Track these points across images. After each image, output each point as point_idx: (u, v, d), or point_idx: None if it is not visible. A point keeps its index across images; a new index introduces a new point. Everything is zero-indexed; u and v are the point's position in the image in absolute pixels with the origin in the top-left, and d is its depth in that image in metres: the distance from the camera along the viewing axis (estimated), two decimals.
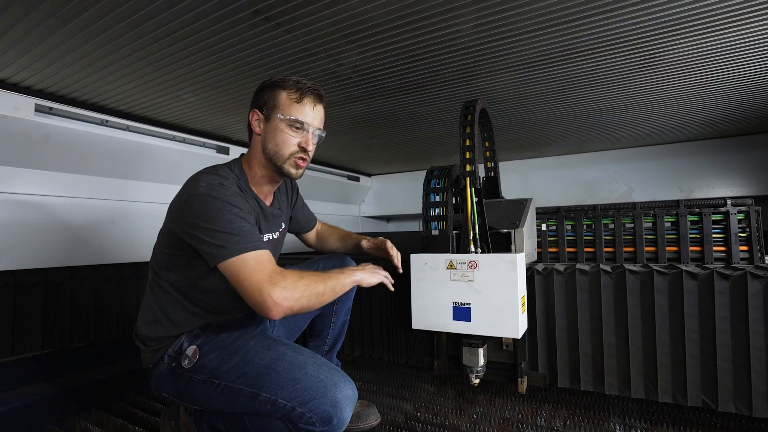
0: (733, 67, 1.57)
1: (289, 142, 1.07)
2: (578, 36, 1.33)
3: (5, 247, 1.66)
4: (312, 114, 1.09)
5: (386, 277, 1.21)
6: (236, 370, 0.95)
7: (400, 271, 1.37)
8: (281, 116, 1.06)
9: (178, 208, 1.00)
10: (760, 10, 1.18)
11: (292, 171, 1.10)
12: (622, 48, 1.41)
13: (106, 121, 1.90)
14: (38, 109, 1.68)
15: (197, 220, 0.93)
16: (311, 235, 1.51)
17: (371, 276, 1.15)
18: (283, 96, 1.06)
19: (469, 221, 1.35)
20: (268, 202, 1.16)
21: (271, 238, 1.18)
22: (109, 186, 2.04)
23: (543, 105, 2.01)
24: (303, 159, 1.10)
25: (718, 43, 1.38)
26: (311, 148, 1.11)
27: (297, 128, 1.07)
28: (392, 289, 1.24)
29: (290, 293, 0.89)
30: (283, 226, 1.26)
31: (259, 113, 1.08)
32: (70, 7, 1.12)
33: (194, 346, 1.02)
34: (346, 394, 0.90)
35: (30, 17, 1.16)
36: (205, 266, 0.98)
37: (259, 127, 1.09)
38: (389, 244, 1.40)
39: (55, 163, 1.81)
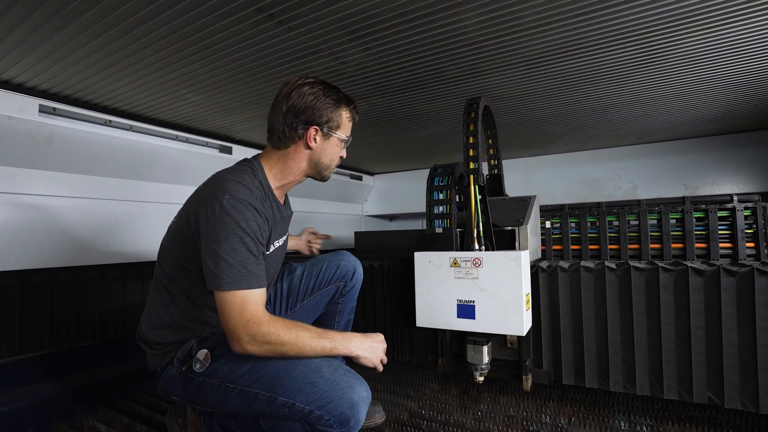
0: (739, 63, 1.56)
1: (338, 155, 1.16)
2: (583, 32, 1.32)
3: (11, 248, 1.67)
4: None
5: (381, 362, 1.09)
6: (251, 375, 0.94)
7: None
8: (345, 137, 1.14)
9: (196, 212, 0.97)
10: (764, 4, 1.17)
11: (330, 177, 1.19)
12: (627, 44, 1.40)
13: (110, 121, 1.91)
14: (42, 110, 1.69)
15: (208, 235, 0.93)
16: None
17: (367, 359, 1.04)
18: (342, 115, 1.11)
19: (473, 219, 1.35)
20: (283, 203, 1.17)
21: (284, 240, 1.20)
22: (113, 186, 2.05)
23: (547, 102, 2.00)
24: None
25: (722, 39, 1.37)
26: (345, 155, 1.19)
27: (344, 142, 1.16)
28: (380, 370, 1.10)
29: (257, 347, 0.90)
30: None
31: (320, 131, 1.08)
32: (73, 7, 1.13)
33: (205, 350, 1.01)
34: (361, 396, 0.91)
35: (33, 17, 1.17)
36: None
37: (315, 143, 1.09)
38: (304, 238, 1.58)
39: (59, 164, 1.82)
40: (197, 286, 1.01)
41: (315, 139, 1.08)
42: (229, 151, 2.50)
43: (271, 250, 1.08)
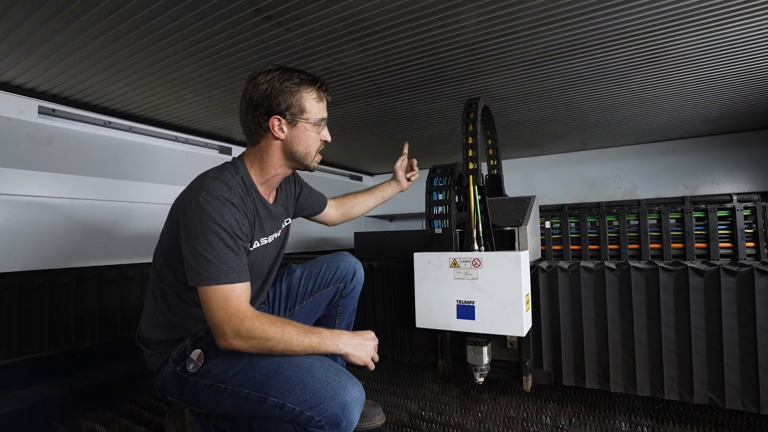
0: (737, 63, 1.56)
1: (316, 140, 1.10)
2: (581, 32, 1.32)
3: (10, 249, 1.66)
4: (326, 108, 1.12)
5: (372, 360, 1.07)
6: (243, 375, 0.94)
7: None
8: (312, 119, 1.06)
9: (177, 211, 1.00)
10: (763, 4, 1.17)
11: (316, 165, 1.14)
12: (626, 44, 1.40)
13: (109, 122, 1.91)
14: (42, 111, 1.69)
15: (186, 232, 0.95)
16: (329, 213, 1.47)
17: (356, 357, 1.02)
18: (306, 98, 1.05)
19: (472, 219, 1.35)
20: (271, 200, 1.16)
21: (275, 237, 1.17)
22: (112, 187, 2.04)
23: (546, 102, 2.00)
24: (321, 150, 1.14)
25: (721, 39, 1.37)
26: (330, 138, 1.14)
27: (318, 125, 1.10)
28: (371, 368, 1.08)
29: (242, 342, 0.90)
30: (288, 222, 1.26)
31: (282, 119, 1.04)
32: (72, 9, 1.13)
33: (199, 350, 1.02)
34: (354, 397, 0.90)
35: (32, 19, 1.17)
36: None
37: (283, 132, 1.05)
38: (400, 172, 1.53)
39: (58, 165, 1.82)
40: (184, 283, 1.00)
41: (282, 128, 1.05)
42: (228, 151, 2.50)
43: (254, 247, 1.07)
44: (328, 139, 1.13)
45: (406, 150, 1.59)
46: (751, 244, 1.54)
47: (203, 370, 0.99)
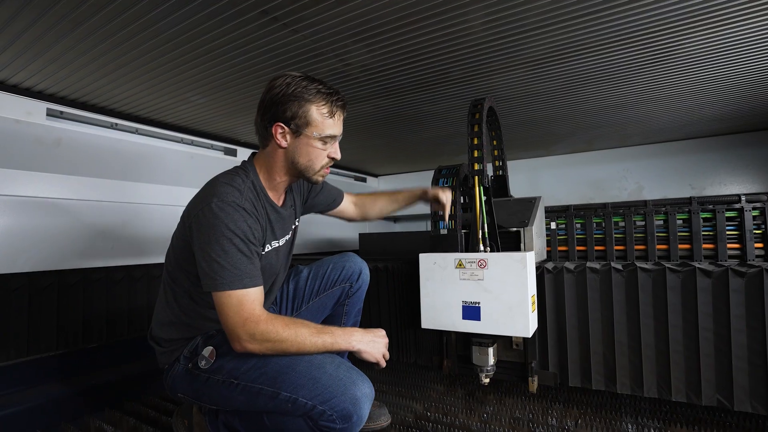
0: (744, 62, 1.55)
1: (322, 155, 1.07)
2: (586, 32, 1.32)
3: (19, 250, 1.68)
4: (341, 125, 1.09)
5: (384, 357, 1.08)
6: (255, 370, 0.96)
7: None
8: (316, 134, 1.03)
9: (189, 216, 1.00)
10: None
11: (320, 179, 1.12)
12: (631, 44, 1.39)
13: (116, 124, 1.93)
14: (50, 114, 1.71)
15: (200, 238, 0.95)
16: (346, 208, 1.44)
17: (368, 354, 1.03)
18: (314, 111, 1.01)
19: (478, 220, 1.35)
20: (280, 203, 1.16)
21: (286, 240, 1.18)
22: (119, 188, 2.06)
23: (551, 103, 1.99)
24: (330, 167, 1.12)
25: (728, 38, 1.36)
26: (339, 157, 1.11)
27: (327, 142, 1.07)
28: (382, 365, 1.09)
29: (257, 345, 0.91)
30: (296, 223, 1.27)
31: (286, 127, 1.02)
32: (80, 12, 1.14)
33: (211, 347, 1.03)
34: (364, 392, 0.92)
35: (41, 22, 1.18)
36: None
37: (286, 141, 1.04)
38: (442, 196, 1.35)
39: (66, 167, 1.84)
40: (197, 285, 1.01)
41: (285, 137, 1.03)
42: (233, 153, 2.52)
43: (267, 251, 1.08)
44: (338, 157, 1.09)
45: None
46: (760, 245, 1.53)
47: (215, 366, 1.00)
